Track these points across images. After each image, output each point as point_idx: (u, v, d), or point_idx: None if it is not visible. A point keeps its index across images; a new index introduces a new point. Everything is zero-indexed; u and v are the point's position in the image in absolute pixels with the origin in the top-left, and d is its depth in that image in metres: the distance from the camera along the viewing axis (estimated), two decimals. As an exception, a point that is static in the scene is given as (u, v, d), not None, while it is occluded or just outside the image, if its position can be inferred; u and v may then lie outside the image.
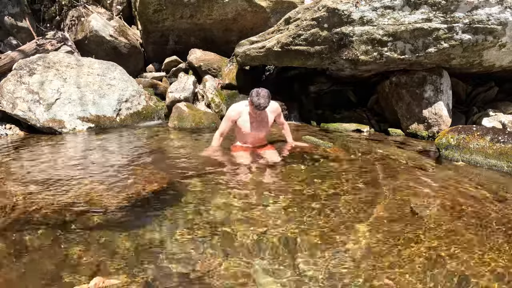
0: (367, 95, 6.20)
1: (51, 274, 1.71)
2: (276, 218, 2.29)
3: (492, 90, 5.82)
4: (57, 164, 3.63)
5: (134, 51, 7.71)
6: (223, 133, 3.98)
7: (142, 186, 2.80)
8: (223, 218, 2.29)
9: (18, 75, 5.45)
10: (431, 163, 3.78)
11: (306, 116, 6.18)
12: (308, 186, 2.88)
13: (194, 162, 3.63)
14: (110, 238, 2.02)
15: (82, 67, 5.93)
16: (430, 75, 5.00)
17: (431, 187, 3.04)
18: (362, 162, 3.67)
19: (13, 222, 2.22)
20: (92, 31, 7.29)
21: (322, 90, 6.42)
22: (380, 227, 2.19)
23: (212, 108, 6.27)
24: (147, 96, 6.34)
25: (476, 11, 4.28)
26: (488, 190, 2.91)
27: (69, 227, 2.15)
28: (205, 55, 7.11)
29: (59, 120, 5.29)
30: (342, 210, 2.43)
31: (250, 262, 1.82)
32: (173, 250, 1.93)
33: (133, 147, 4.38)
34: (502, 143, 3.51)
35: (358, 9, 4.65)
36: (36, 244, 1.97)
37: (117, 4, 8.40)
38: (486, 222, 2.29)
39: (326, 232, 2.13)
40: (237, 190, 2.83)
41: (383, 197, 2.66)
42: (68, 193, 2.67)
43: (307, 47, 5.17)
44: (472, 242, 2.04)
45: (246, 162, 3.67)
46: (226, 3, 6.92)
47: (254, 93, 3.60)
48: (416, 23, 4.48)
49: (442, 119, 4.87)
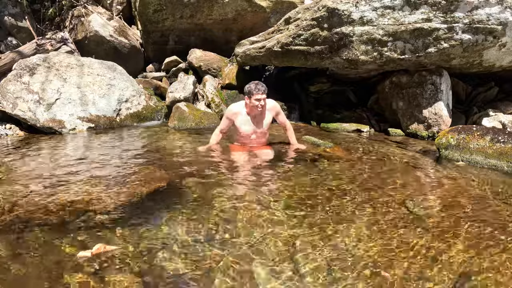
0: (367, 95, 6.20)
1: (51, 274, 1.71)
2: (276, 218, 2.29)
3: (492, 90, 5.82)
4: (57, 164, 3.63)
5: (134, 51, 7.72)
6: (222, 130, 4.03)
7: (142, 186, 2.80)
8: (222, 217, 2.29)
9: (18, 75, 5.46)
10: (431, 163, 3.78)
11: (306, 116, 6.18)
12: (308, 186, 2.88)
13: (194, 162, 3.63)
14: (110, 238, 2.02)
15: (82, 67, 5.93)
16: (430, 75, 5.00)
17: (431, 187, 3.04)
18: (362, 162, 3.67)
19: (13, 222, 2.22)
20: (92, 31, 7.30)
21: (322, 90, 6.42)
22: (380, 227, 2.19)
23: (212, 108, 6.27)
24: (147, 96, 6.34)
25: (476, 11, 4.28)
26: (488, 190, 2.91)
27: (69, 227, 2.15)
28: (205, 55, 7.11)
29: (59, 120, 5.29)
30: (342, 210, 2.43)
31: (250, 262, 1.82)
32: (173, 249, 1.93)
33: (133, 147, 4.38)
34: (502, 143, 3.51)
35: (358, 9, 4.65)
36: (36, 244, 1.97)
37: (117, 4, 8.40)
38: (486, 222, 2.29)
39: (325, 231, 2.13)
40: (237, 189, 2.83)
41: (383, 197, 2.66)
42: (68, 193, 2.67)
43: (307, 47, 5.17)
44: (472, 242, 2.04)
45: (245, 162, 3.67)
46: (226, 3, 6.93)
47: (250, 84, 3.76)
48: (416, 23, 4.47)
49: (442, 119, 4.87)
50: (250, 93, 3.72)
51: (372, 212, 2.40)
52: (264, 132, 4.00)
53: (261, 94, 3.70)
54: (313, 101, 6.39)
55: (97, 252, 1.80)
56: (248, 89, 3.75)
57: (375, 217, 2.33)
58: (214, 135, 4.07)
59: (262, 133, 3.98)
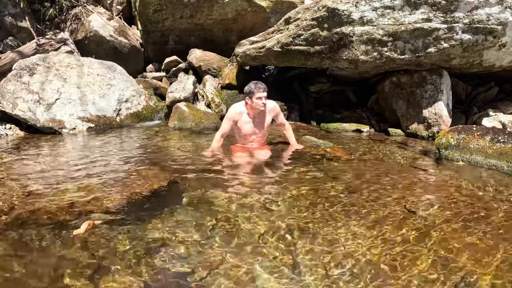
0: (367, 95, 6.21)
1: (51, 274, 1.71)
2: (276, 218, 2.29)
3: (492, 90, 5.82)
4: (57, 164, 3.63)
5: (134, 51, 7.72)
6: (223, 134, 3.95)
7: (142, 186, 2.80)
8: (223, 218, 2.29)
9: (18, 75, 5.46)
10: (431, 163, 3.78)
11: (306, 116, 6.19)
12: (308, 186, 2.88)
13: (194, 162, 3.63)
14: (110, 238, 2.02)
15: (82, 67, 5.93)
16: (430, 75, 5.00)
17: (431, 187, 3.05)
18: (362, 162, 3.67)
19: (13, 222, 2.22)
20: (92, 31, 7.30)
21: (322, 90, 6.43)
22: (379, 227, 2.19)
23: (212, 108, 6.28)
24: (147, 96, 6.34)
25: (476, 11, 4.28)
26: (488, 190, 2.91)
27: (69, 227, 2.15)
28: (205, 55, 7.11)
29: (59, 120, 5.29)
30: (341, 210, 2.43)
31: (251, 262, 1.82)
32: (173, 249, 1.93)
33: (133, 147, 4.38)
34: (502, 143, 3.51)
35: (358, 9, 4.65)
36: (36, 244, 1.97)
37: (117, 4, 8.40)
38: (486, 222, 2.29)
39: (325, 231, 2.13)
40: (237, 190, 2.83)
41: (383, 197, 2.66)
42: (68, 192, 2.67)
43: (307, 47, 5.17)
44: (472, 241, 2.04)
45: (245, 162, 3.67)
46: (226, 3, 6.93)
47: (250, 84, 3.76)
48: (416, 23, 4.48)
49: (442, 119, 4.87)
50: (251, 92, 3.70)
51: (372, 212, 2.40)
52: (264, 133, 4.00)
53: (262, 92, 3.69)
54: (313, 101, 6.40)
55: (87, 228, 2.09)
56: (248, 89, 3.73)
57: (375, 217, 2.33)
58: (215, 140, 3.93)
59: (262, 133, 3.97)
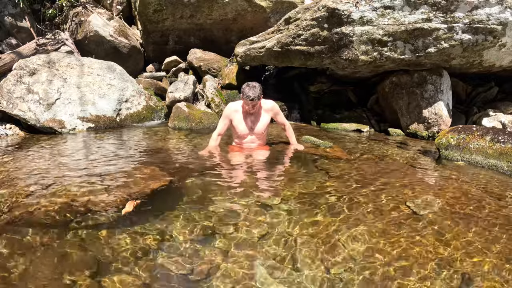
0: (367, 95, 6.21)
1: (51, 274, 1.71)
2: (275, 218, 2.29)
3: (492, 90, 5.83)
4: (57, 164, 3.63)
5: (134, 51, 7.71)
6: (220, 133, 4.01)
7: (142, 186, 2.80)
8: (222, 217, 2.29)
9: (18, 75, 5.45)
10: (431, 163, 3.78)
11: (306, 116, 6.19)
12: (307, 186, 2.88)
13: (193, 162, 3.63)
14: (110, 238, 2.02)
15: (82, 67, 5.93)
16: (430, 75, 5.00)
17: (431, 187, 3.04)
18: (362, 162, 3.67)
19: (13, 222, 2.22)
20: (92, 31, 7.29)
21: (322, 90, 6.43)
22: (380, 227, 2.19)
23: (212, 108, 6.27)
24: (147, 96, 6.34)
25: (476, 11, 4.28)
26: (488, 190, 2.91)
27: (69, 227, 2.14)
28: (205, 55, 7.11)
29: (59, 120, 5.29)
30: (341, 210, 2.43)
31: (251, 262, 1.82)
32: (173, 249, 1.93)
33: (133, 147, 4.38)
34: (502, 143, 3.51)
35: (358, 9, 4.65)
36: (36, 244, 1.97)
37: (117, 4, 8.40)
38: (486, 222, 2.29)
39: (325, 231, 2.13)
40: (237, 189, 2.83)
41: (383, 197, 2.66)
42: (68, 192, 2.67)
43: (307, 47, 5.17)
44: (472, 241, 2.04)
45: (244, 162, 3.67)
46: (226, 3, 6.93)
47: (244, 86, 3.72)
48: (416, 23, 4.48)
49: (442, 119, 4.87)
50: (243, 94, 3.71)
51: (372, 212, 2.40)
52: (261, 132, 3.97)
53: (250, 101, 3.66)
54: (313, 101, 6.40)
55: (133, 206, 2.36)
56: (242, 89, 3.74)
57: (375, 217, 2.33)
58: (212, 139, 3.98)
59: (259, 133, 3.96)
